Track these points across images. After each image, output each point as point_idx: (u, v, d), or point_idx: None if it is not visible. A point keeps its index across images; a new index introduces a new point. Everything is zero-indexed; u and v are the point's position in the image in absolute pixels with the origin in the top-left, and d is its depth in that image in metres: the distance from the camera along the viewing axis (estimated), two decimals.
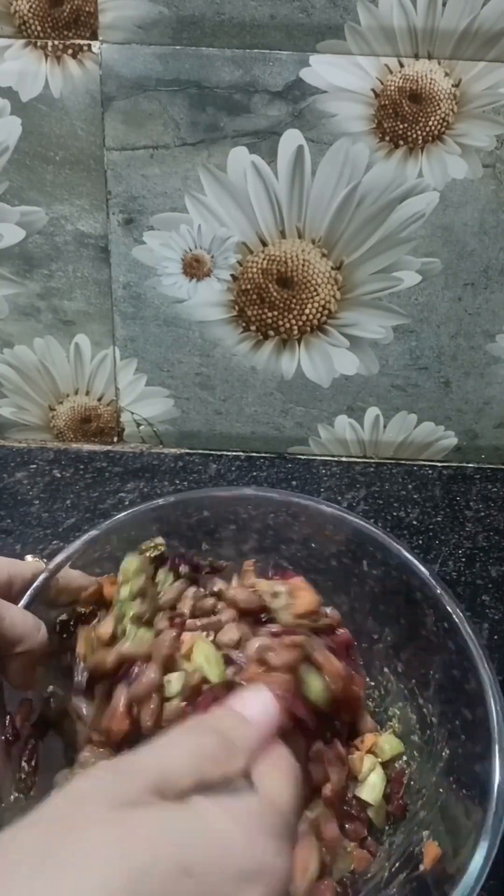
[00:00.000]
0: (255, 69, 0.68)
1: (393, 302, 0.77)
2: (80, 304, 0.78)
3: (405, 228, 0.73)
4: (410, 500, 0.79)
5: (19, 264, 0.77)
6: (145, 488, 0.79)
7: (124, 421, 0.85)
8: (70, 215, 0.74)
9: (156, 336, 0.80)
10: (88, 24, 0.67)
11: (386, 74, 0.67)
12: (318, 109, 0.69)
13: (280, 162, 0.71)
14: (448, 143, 0.69)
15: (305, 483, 0.81)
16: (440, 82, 0.67)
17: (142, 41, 0.67)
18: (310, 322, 0.78)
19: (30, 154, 0.72)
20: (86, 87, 0.69)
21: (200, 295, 0.77)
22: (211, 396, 0.83)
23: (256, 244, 0.74)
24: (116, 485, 0.79)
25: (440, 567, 0.70)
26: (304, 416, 0.83)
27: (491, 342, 0.78)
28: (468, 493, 0.81)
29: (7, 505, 0.76)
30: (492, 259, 0.74)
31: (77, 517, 0.74)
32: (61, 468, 0.82)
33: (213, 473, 0.82)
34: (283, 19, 0.66)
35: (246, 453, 0.85)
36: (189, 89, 0.69)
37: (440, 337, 0.78)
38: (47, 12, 0.67)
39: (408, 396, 0.82)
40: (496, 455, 0.85)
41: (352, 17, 0.65)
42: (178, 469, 0.82)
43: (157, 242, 0.75)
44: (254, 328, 0.79)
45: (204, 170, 0.71)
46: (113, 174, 0.72)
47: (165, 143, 0.71)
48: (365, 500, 0.79)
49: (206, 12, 0.66)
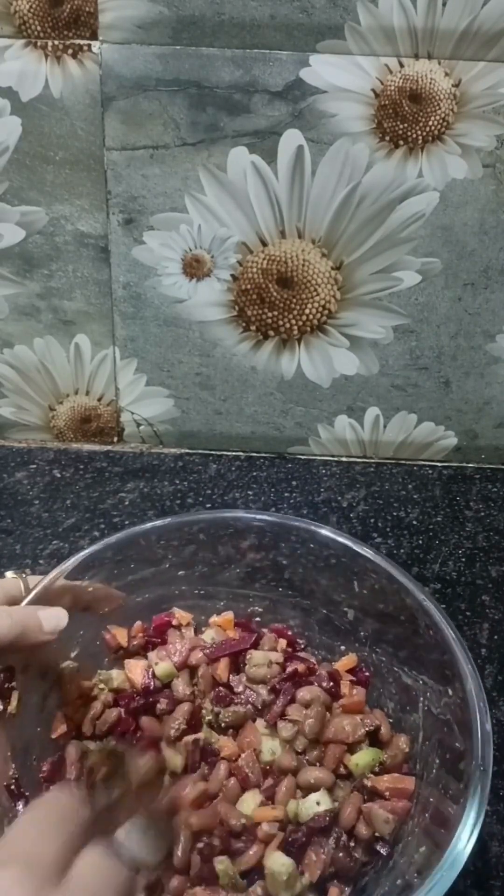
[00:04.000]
0: (255, 69, 0.68)
1: (393, 302, 0.77)
2: (80, 304, 0.78)
3: (405, 228, 0.73)
4: (410, 500, 0.79)
5: (19, 264, 0.77)
6: (145, 488, 0.79)
7: (124, 421, 0.85)
8: (70, 215, 0.74)
9: (156, 336, 0.80)
10: (88, 24, 0.67)
11: (386, 74, 0.67)
12: (318, 109, 0.69)
13: (280, 162, 0.71)
14: (448, 143, 0.69)
15: (305, 483, 0.81)
16: (440, 82, 0.67)
17: (142, 41, 0.67)
18: (310, 322, 0.78)
19: (30, 154, 0.72)
20: (86, 87, 0.69)
21: (200, 295, 0.77)
22: (211, 396, 0.83)
23: (256, 244, 0.74)
24: (116, 485, 0.79)
25: (440, 567, 0.70)
26: (304, 416, 0.83)
27: (491, 342, 0.78)
28: (468, 493, 0.81)
29: (7, 505, 0.76)
30: (492, 259, 0.74)
31: (77, 517, 0.74)
32: (61, 468, 0.82)
33: (213, 473, 0.82)
34: (283, 19, 0.66)
35: (246, 453, 0.85)
36: (189, 89, 0.69)
37: (440, 337, 0.78)
38: (47, 12, 0.67)
39: (408, 396, 0.82)
40: (496, 455, 0.85)
41: (352, 17, 0.65)
42: (178, 469, 0.82)
43: (157, 242, 0.75)
44: (254, 328, 0.79)
45: (204, 170, 0.71)
46: (113, 174, 0.72)
47: (165, 143, 0.71)
48: (365, 500, 0.79)
49: (206, 12, 0.66)
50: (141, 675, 0.50)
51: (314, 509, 0.77)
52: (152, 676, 0.50)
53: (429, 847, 0.40)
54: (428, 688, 0.48)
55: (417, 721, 0.49)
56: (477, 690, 0.44)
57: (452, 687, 0.45)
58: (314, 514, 0.76)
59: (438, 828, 0.41)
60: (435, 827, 0.41)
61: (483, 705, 0.43)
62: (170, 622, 0.54)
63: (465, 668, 0.45)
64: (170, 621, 0.54)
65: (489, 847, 0.49)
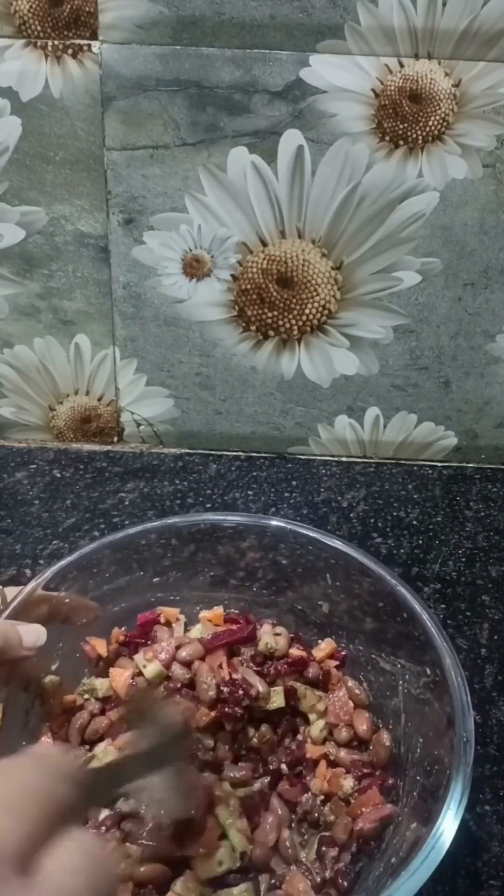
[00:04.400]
0: (255, 69, 0.68)
1: (393, 302, 0.77)
2: (80, 304, 0.78)
3: (405, 228, 0.73)
4: (410, 500, 0.79)
5: (19, 264, 0.77)
6: (145, 488, 0.79)
7: (124, 421, 0.85)
8: (70, 215, 0.74)
9: (156, 336, 0.80)
10: (88, 24, 0.67)
11: (386, 74, 0.67)
12: (318, 109, 0.69)
13: (280, 162, 0.71)
14: (448, 143, 0.69)
15: (305, 483, 0.81)
16: (440, 82, 0.67)
17: (142, 41, 0.67)
18: (310, 322, 0.78)
19: (30, 154, 0.72)
20: (86, 87, 0.69)
21: (200, 295, 0.77)
22: (211, 396, 0.83)
23: (256, 244, 0.74)
24: (116, 485, 0.79)
25: (440, 567, 0.70)
26: (304, 416, 0.83)
27: (491, 342, 0.78)
28: (468, 493, 0.81)
29: (7, 505, 0.76)
30: (492, 259, 0.74)
31: (77, 517, 0.74)
32: (61, 468, 0.82)
33: (213, 473, 0.82)
34: (283, 19, 0.66)
35: (246, 453, 0.85)
36: (189, 89, 0.69)
37: (440, 337, 0.78)
38: (47, 12, 0.67)
39: (408, 396, 0.82)
40: (496, 455, 0.85)
41: (352, 17, 0.65)
42: (178, 469, 0.82)
43: (157, 242, 0.75)
44: (254, 328, 0.79)
45: (204, 170, 0.71)
46: (113, 174, 0.72)
47: (165, 143, 0.71)
48: (365, 500, 0.79)
49: (206, 12, 0.66)
50: (125, 683, 0.49)
51: (314, 509, 0.77)
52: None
53: (419, 823, 0.41)
54: (406, 670, 0.49)
55: (398, 705, 0.50)
56: (454, 665, 0.45)
57: (430, 665, 0.46)
58: (314, 514, 0.76)
59: (427, 804, 0.41)
60: (424, 804, 0.42)
61: (461, 680, 0.44)
62: (156, 619, 0.53)
63: (439, 644, 0.46)
64: (156, 618, 0.54)
65: (489, 847, 0.49)
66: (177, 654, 0.50)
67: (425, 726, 0.46)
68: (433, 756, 0.44)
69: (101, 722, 0.48)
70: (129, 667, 0.51)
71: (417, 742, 0.47)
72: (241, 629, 0.52)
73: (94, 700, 0.49)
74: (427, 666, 0.47)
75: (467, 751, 0.41)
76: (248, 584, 0.57)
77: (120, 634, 0.53)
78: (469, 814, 0.50)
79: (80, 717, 0.48)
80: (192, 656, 0.50)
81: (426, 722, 0.46)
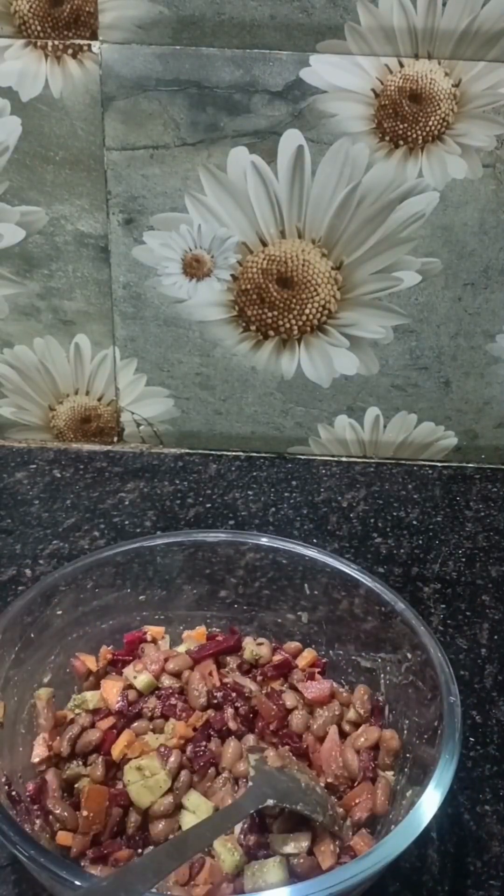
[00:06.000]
0: (255, 69, 0.68)
1: (393, 302, 0.77)
2: (80, 304, 0.78)
3: (405, 228, 0.73)
4: (410, 500, 0.79)
5: (19, 264, 0.77)
6: (145, 488, 0.79)
7: (124, 421, 0.85)
8: (70, 215, 0.74)
9: (156, 336, 0.80)
10: (88, 24, 0.67)
11: (386, 74, 0.67)
12: (318, 109, 0.69)
13: (280, 162, 0.71)
14: (448, 143, 0.69)
15: (305, 483, 0.81)
16: (440, 82, 0.67)
17: (142, 41, 0.67)
18: (310, 322, 0.78)
19: (30, 154, 0.72)
20: (86, 87, 0.69)
21: (200, 295, 0.77)
22: (211, 396, 0.83)
23: (256, 244, 0.74)
24: (116, 485, 0.79)
25: (440, 567, 0.70)
26: (304, 416, 0.83)
27: (491, 342, 0.79)
28: (468, 493, 0.81)
29: (7, 505, 0.76)
30: (492, 259, 0.74)
31: (77, 517, 0.74)
32: (61, 468, 0.82)
33: (213, 473, 0.82)
34: (283, 19, 0.66)
35: (246, 453, 0.85)
36: (189, 89, 0.69)
37: (440, 337, 0.78)
38: (47, 12, 0.67)
39: (408, 396, 0.82)
40: (496, 455, 0.85)
41: (352, 17, 0.65)
42: (178, 469, 0.82)
43: (157, 242, 0.75)
44: (254, 328, 0.79)
45: (204, 170, 0.71)
46: (113, 174, 0.72)
47: (165, 143, 0.71)
48: (365, 500, 0.79)
49: (206, 12, 0.66)
50: (116, 694, 0.50)
51: (314, 509, 0.77)
52: (125, 700, 0.49)
53: (415, 790, 0.43)
54: (386, 662, 0.51)
55: (380, 698, 0.51)
56: (430, 641, 0.47)
57: (409, 649, 0.48)
58: (314, 514, 0.76)
59: (422, 769, 0.43)
60: (419, 770, 0.44)
61: (441, 654, 0.46)
62: (142, 637, 0.54)
63: (413, 623, 0.49)
64: (142, 637, 0.54)
65: (489, 847, 0.49)
66: (165, 665, 0.51)
67: (412, 707, 0.48)
68: (423, 727, 0.46)
69: (93, 734, 0.48)
70: (119, 681, 0.51)
71: (404, 724, 0.48)
72: (228, 639, 0.54)
73: (84, 713, 0.50)
74: (408, 651, 0.49)
75: (455, 710, 0.43)
76: (230, 602, 0.58)
77: (108, 653, 0.53)
78: (469, 814, 0.50)
79: (71, 730, 0.48)
80: (181, 667, 0.51)
81: (413, 703, 0.48)
